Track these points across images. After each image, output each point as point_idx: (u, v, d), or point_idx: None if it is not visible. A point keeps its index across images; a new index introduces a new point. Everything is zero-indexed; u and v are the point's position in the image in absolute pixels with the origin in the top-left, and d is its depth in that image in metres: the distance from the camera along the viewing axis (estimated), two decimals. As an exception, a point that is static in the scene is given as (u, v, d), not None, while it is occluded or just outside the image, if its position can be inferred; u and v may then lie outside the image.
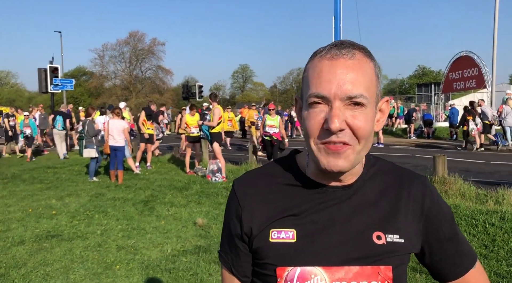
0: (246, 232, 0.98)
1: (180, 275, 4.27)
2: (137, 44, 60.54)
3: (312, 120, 0.88)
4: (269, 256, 0.94)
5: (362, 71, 0.87)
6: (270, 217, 0.96)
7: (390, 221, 0.95)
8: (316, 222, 0.94)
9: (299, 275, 0.90)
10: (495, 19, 15.85)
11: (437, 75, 59.26)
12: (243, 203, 0.99)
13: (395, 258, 0.93)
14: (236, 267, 1.02)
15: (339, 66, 0.86)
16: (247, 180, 1.04)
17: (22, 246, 5.23)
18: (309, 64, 0.92)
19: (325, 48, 0.91)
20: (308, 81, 0.90)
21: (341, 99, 0.85)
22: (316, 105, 0.87)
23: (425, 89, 31.00)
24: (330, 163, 0.88)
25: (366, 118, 0.87)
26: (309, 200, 0.96)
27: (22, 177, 10.52)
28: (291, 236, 0.93)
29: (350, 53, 0.88)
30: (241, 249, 1.00)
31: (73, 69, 65.90)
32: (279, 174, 1.02)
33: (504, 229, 5.14)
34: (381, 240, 0.93)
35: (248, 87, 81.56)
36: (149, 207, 7.23)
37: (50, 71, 16.66)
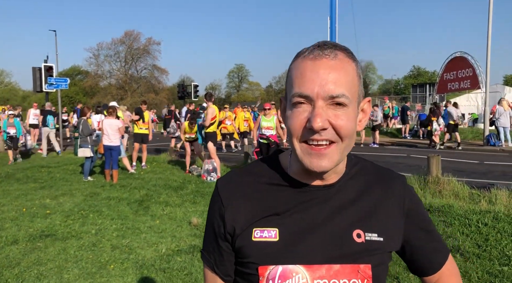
0: (229, 231, 0.98)
1: (174, 274, 4.27)
2: (133, 44, 60.41)
3: (295, 119, 0.89)
4: (252, 255, 0.95)
5: (344, 71, 0.89)
6: (253, 216, 0.96)
7: (370, 220, 0.98)
8: (298, 221, 0.95)
9: (280, 274, 0.91)
10: (489, 20, 15.95)
11: (432, 76, 59.52)
12: (226, 202, 1.00)
13: (375, 256, 0.95)
14: (218, 266, 1.02)
15: (321, 66, 0.88)
16: (230, 179, 1.05)
17: (16, 246, 5.21)
18: (293, 65, 0.94)
19: (308, 49, 0.92)
20: (292, 81, 0.91)
21: (324, 98, 0.87)
22: (299, 105, 0.89)
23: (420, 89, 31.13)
24: (313, 163, 0.89)
25: (348, 118, 0.88)
26: (292, 199, 0.97)
27: (16, 176, 10.46)
28: (273, 235, 0.94)
29: (333, 54, 0.89)
30: (224, 248, 1.00)
31: (68, 68, 65.63)
32: (263, 173, 1.03)
33: (497, 229, 5.18)
34: (360, 238, 0.95)
35: (244, 87, 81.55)
36: (144, 206, 7.22)
37: (45, 70, 16.55)
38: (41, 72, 16.52)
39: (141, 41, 60.59)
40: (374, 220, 0.98)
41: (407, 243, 1.05)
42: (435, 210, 6.09)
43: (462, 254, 4.49)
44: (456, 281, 1.13)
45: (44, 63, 16.82)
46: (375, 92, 69.49)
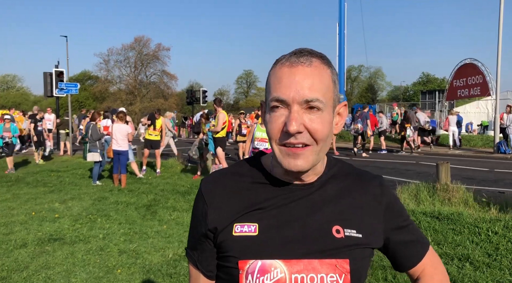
0: (211, 229, 1.01)
1: (181, 280, 4.26)
2: (142, 49, 60.86)
3: (274, 123, 0.94)
4: (232, 249, 0.98)
5: (318, 78, 0.94)
6: (234, 212, 1.00)
7: (349, 217, 1.01)
8: (278, 217, 0.98)
9: (259, 268, 0.93)
10: (499, 27, 15.84)
11: (441, 83, 59.12)
12: (208, 200, 1.03)
13: (354, 251, 0.98)
14: (201, 262, 1.06)
15: (297, 73, 0.93)
16: (214, 179, 1.09)
17: (25, 249, 5.25)
18: (271, 71, 0.99)
19: (285, 56, 0.97)
20: (270, 87, 0.97)
21: (299, 103, 0.91)
22: (276, 109, 0.94)
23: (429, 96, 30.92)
24: (290, 163, 0.94)
25: (322, 122, 0.93)
26: (273, 196, 1.01)
27: (25, 180, 10.56)
28: (253, 230, 0.97)
29: (308, 61, 0.94)
30: (206, 245, 1.04)
31: (78, 74, 66.26)
32: (245, 173, 1.07)
33: (507, 238, 5.11)
34: (339, 233, 0.98)
35: (252, 92, 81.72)
36: (151, 211, 7.24)
37: (56, 75, 16.76)
38: (52, 77, 16.73)
39: (151, 47, 61.03)
40: (353, 217, 1.01)
41: (387, 239, 1.08)
42: (444, 217, 6.02)
43: (471, 263, 4.43)
44: (440, 272, 1.16)
45: (55, 69, 17.03)
46: (383, 99, 69.20)
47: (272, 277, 0.92)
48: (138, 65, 61.65)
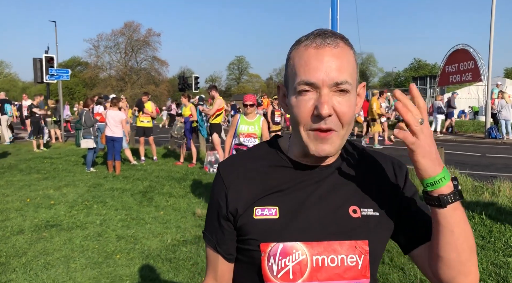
0: (232, 211, 1.01)
1: (180, 264, 4.29)
2: (133, 35, 60.14)
3: (302, 108, 0.93)
4: (253, 232, 0.98)
5: (346, 59, 0.93)
6: (254, 195, 1.00)
7: (365, 196, 1.02)
8: (297, 199, 0.99)
9: (281, 250, 0.94)
10: (492, 13, 15.87)
11: (432, 68, 59.34)
12: (228, 183, 1.03)
13: (372, 232, 0.99)
14: (221, 245, 1.05)
15: (325, 54, 0.91)
16: (232, 162, 1.09)
17: (22, 235, 5.24)
18: (294, 52, 0.97)
19: (308, 37, 0.95)
20: (296, 69, 0.94)
21: (329, 86, 0.91)
22: (305, 92, 0.92)
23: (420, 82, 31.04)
24: (318, 148, 0.94)
25: (349, 105, 0.94)
26: (291, 178, 1.02)
27: (18, 167, 10.47)
28: (274, 213, 0.98)
29: (334, 43, 0.93)
30: (225, 227, 1.04)
31: (68, 60, 65.39)
32: (263, 156, 1.07)
33: (500, 221, 5.20)
34: (356, 213, 0.99)
35: (244, 79, 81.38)
36: (147, 197, 7.24)
37: (46, 61, 16.48)
38: (42, 63, 16.47)
39: (141, 33, 60.37)
40: (369, 196, 1.02)
41: (399, 216, 1.05)
42: (438, 201, 6.11)
43: (466, 245, 4.52)
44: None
45: (45, 54, 16.76)
46: (375, 85, 69.39)
47: (294, 259, 0.94)
48: (129, 51, 60.96)
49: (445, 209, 0.90)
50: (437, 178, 0.88)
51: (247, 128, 5.81)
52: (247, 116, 5.80)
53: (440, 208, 0.90)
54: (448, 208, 0.90)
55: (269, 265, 0.95)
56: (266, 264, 0.96)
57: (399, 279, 3.78)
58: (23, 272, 4.14)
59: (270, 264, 0.95)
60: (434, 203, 0.90)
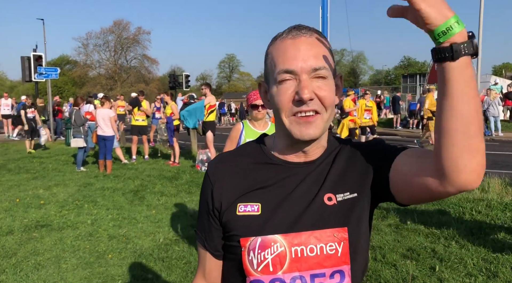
0: (217, 207, 1.04)
1: (173, 263, 4.27)
2: (122, 33, 59.66)
3: (283, 95, 0.96)
4: (235, 228, 1.01)
5: (322, 47, 0.98)
6: (237, 192, 1.03)
7: (341, 181, 1.02)
8: (279, 196, 1.01)
9: (260, 244, 0.96)
10: (480, 11, 16.02)
11: (422, 66, 59.82)
12: (213, 180, 1.06)
13: (348, 215, 0.98)
14: (209, 242, 1.08)
15: (301, 43, 0.96)
16: (219, 160, 1.12)
17: (11, 236, 5.17)
18: (271, 48, 1.01)
19: (284, 32, 1.00)
20: (274, 61, 0.98)
21: (307, 72, 0.94)
22: (285, 81, 0.96)
23: (410, 79, 31.32)
24: (302, 132, 0.96)
25: (329, 89, 0.97)
26: (274, 175, 1.03)
27: (7, 166, 10.34)
28: (256, 209, 1.00)
29: (309, 33, 0.98)
30: (213, 224, 1.06)
31: (56, 58, 64.58)
32: (248, 154, 1.10)
33: (490, 216, 5.27)
34: (331, 200, 1.00)
35: (235, 77, 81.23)
36: (139, 196, 7.20)
37: (34, 59, 16.27)
38: (30, 61, 16.25)
39: (131, 31, 59.90)
40: (345, 179, 1.03)
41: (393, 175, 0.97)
42: (429, 198, 6.16)
43: (457, 242, 4.56)
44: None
45: (33, 53, 16.55)
46: (365, 83, 69.70)
47: (273, 251, 0.95)
48: (118, 49, 60.49)
49: (457, 62, 0.78)
50: (449, 23, 0.77)
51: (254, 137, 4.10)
52: (255, 124, 3.74)
53: (451, 60, 0.78)
54: (461, 61, 0.78)
55: (249, 259, 0.97)
56: (246, 258, 0.97)
57: (391, 275, 3.80)
58: (13, 273, 4.09)
59: (250, 258, 0.97)
60: (445, 55, 0.78)
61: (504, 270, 3.77)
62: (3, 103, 17.36)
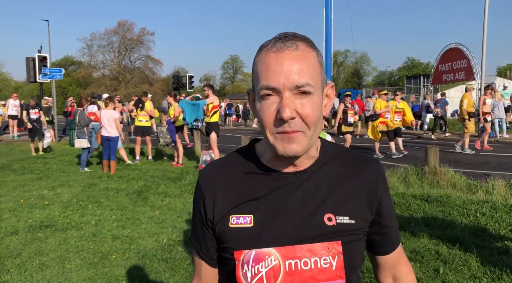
0: (209, 219, 1.04)
1: (176, 264, 4.28)
2: (126, 34, 59.91)
3: (266, 112, 0.93)
4: (229, 240, 1.00)
5: (306, 61, 0.93)
6: (229, 203, 1.02)
7: (342, 204, 1.01)
8: (272, 207, 0.99)
9: (254, 257, 0.95)
10: (485, 12, 15.96)
11: (426, 67, 59.59)
12: (205, 191, 1.05)
13: (346, 236, 0.99)
14: (203, 251, 1.08)
15: (285, 58, 0.92)
16: (210, 169, 1.10)
17: (16, 236, 5.19)
18: (257, 58, 0.97)
19: (270, 42, 0.96)
20: (258, 75, 0.95)
21: (290, 89, 0.91)
22: (267, 97, 0.93)
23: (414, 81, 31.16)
24: (285, 148, 0.94)
25: (313, 106, 0.93)
26: (265, 186, 1.02)
27: (12, 167, 10.39)
28: (248, 221, 0.99)
29: (294, 45, 0.93)
30: (206, 234, 1.06)
31: (61, 59, 64.90)
32: (239, 163, 1.08)
33: (495, 218, 5.24)
34: (331, 221, 0.99)
35: (238, 78, 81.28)
36: (142, 197, 7.21)
37: (39, 60, 16.37)
38: (35, 62, 16.35)
39: (135, 32, 60.15)
40: (346, 203, 1.02)
41: (372, 221, 1.08)
42: (433, 200, 6.14)
43: (461, 244, 4.54)
44: (411, 271, 1.20)
45: (38, 54, 16.63)
46: (369, 84, 69.57)
47: (267, 265, 0.94)
48: (122, 50, 60.73)
49: None
50: None
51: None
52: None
53: None
54: None
55: (243, 273, 0.96)
56: (240, 271, 0.96)
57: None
58: (18, 273, 4.11)
59: (244, 271, 0.96)
60: None
61: (509, 273, 3.75)
62: (11, 104, 17.45)
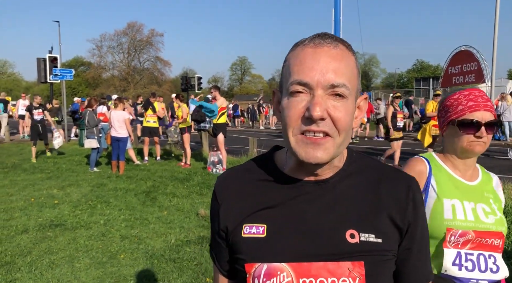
0: (223, 228, 0.99)
1: (184, 264, 4.30)
2: (135, 35, 60.33)
3: (293, 109, 0.86)
4: (241, 251, 0.94)
5: (345, 62, 0.86)
6: (243, 212, 0.96)
7: (367, 220, 0.91)
8: (287, 217, 0.92)
9: (265, 272, 0.89)
10: (496, 14, 15.83)
11: (435, 70, 59.23)
12: (220, 199, 1.01)
13: (370, 257, 0.89)
14: (219, 260, 1.05)
15: (322, 54, 0.85)
16: (226, 177, 1.05)
17: (26, 235, 5.25)
18: (291, 54, 0.91)
19: (307, 39, 0.90)
20: (290, 70, 0.88)
21: (324, 87, 0.84)
22: (297, 94, 0.86)
23: (423, 83, 31.00)
24: (308, 154, 0.86)
25: (346, 111, 0.85)
26: (282, 195, 0.95)
27: (22, 166, 10.51)
28: (261, 231, 0.92)
29: (334, 43, 0.87)
30: (221, 244, 1.02)
31: (71, 60, 65.60)
32: (256, 170, 1.02)
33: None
34: (354, 238, 0.89)
35: (246, 79, 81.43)
36: (151, 197, 7.26)
37: (49, 61, 16.52)
38: (45, 63, 16.50)
39: (144, 33, 60.56)
40: (372, 220, 0.91)
41: (400, 246, 0.96)
42: (442, 203, 6.10)
43: None
44: None
45: (49, 54, 16.80)
46: (378, 86, 69.29)
47: (278, 282, 0.87)
48: (131, 51, 61.15)
49: None
50: None
51: None
52: (457, 164, 1.75)
53: None
54: None
55: None
56: None
57: None
58: (28, 271, 4.15)
59: None
60: None
61: (518, 277, 3.72)
62: (21, 104, 17.67)
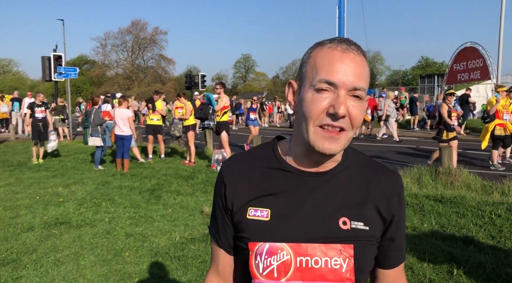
0: (229, 207, 1.08)
1: (189, 262, 4.31)
2: (139, 33, 60.41)
3: (317, 105, 0.97)
4: (245, 230, 1.05)
5: (365, 68, 1.00)
6: (249, 195, 1.06)
7: (358, 209, 1.05)
8: (289, 204, 1.04)
9: (267, 250, 0.99)
10: (501, 10, 15.72)
11: (440, 67, 58.94)
12: (226, 181, 1.10)
13: (359, 242, 1.02)
14: (222, 239, 1.12)
15: (349, 59, 0.98)
16: (233, 161, 1.15)
17: (32, 232, 5.28)
18: (317, 52, 1.01)
19: (333, 41, 1.01)
20: (317, 67, 0.99)
21: (347, 89, 0.96)
22: (323, 91, 0.97)
23: (428, 80, 30.87)
24: (325, 145, 0.98)
25: (361, 110, 0.99)
26: (285, 183, 1.06)
27: (27, 164, 10.57)
28: (265, 215, 1.03)
29: (358, 51, 1.00)
30: (226, 221, 1.10)
31: (75, 58, 65.66)
32: (262, 157, 1.12)
33: (510, 220, 5.16)
34: (346, 225, 1.02)
35: (250, 77, 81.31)
36: (155, 195, 7.28)
37: (54, 59, 16.59)
38: (50, 61, 16.56)
39: (148, 31, 60.60)
40: (362, 209, 1.05)
41: (381, 236, 1.11)
42: (447, 201, 6.07)
43: (475, 245, 4.49)
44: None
45: (53, 53, 16.86)
46: (382, 83, 68.95)
47: (279, 259, 0.98)
48: (135, 49, 61.24)
49: None
50: None
51: None
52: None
53: None
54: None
55: (256, 263, 1.00)
56: (253, 262, 1.01)
57: (408, 278, 3.76)
58: (34, 268, 4.18)
59: (257, 262, 1.00)
60: None
61: (524, 275, 3.70)
62: (27, 102, 17.74)
